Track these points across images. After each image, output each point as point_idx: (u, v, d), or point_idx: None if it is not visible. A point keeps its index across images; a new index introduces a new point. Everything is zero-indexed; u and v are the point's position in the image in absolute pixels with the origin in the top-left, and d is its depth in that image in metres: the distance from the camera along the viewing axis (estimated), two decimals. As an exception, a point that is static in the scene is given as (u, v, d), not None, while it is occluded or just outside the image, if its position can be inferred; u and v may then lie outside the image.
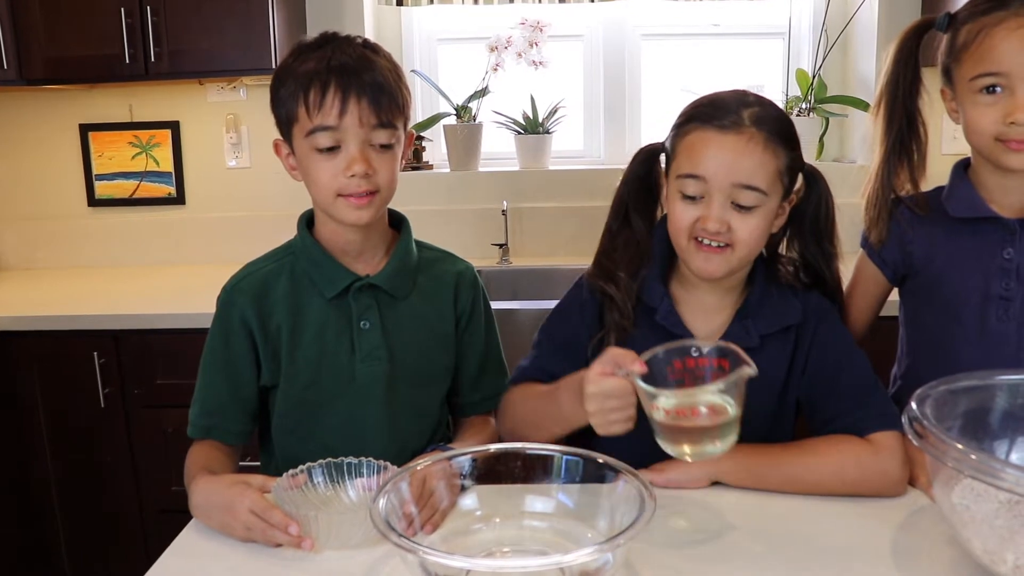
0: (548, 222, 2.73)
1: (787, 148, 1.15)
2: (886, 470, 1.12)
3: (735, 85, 1.20)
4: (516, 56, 2.68)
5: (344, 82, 1.14)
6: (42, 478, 2.28)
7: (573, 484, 1.02)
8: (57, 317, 2.20)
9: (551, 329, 1.31)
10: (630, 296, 1.23)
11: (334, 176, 1.16)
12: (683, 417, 0.99)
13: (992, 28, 1.15)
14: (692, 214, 1.15)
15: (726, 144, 1.12)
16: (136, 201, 2.82)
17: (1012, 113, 1.14)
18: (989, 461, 0.83)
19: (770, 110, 1.15)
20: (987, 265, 1.25)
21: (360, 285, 1.24)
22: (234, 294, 1.25)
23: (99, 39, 2.35)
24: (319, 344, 1.24)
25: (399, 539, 0.83)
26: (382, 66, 1.18)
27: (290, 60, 1.19)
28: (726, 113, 1.13)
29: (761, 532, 1.05)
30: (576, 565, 0.83)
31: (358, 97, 1.14)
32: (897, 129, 1.29)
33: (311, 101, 1.14)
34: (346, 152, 1.16)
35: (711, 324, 1.23)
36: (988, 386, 1.04)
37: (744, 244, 1.14)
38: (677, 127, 1.18)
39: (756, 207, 1.13)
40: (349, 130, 1.15)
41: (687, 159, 1.15)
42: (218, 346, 1.25)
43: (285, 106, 1.18)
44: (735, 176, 1.12)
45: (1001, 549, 0.87)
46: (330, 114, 1.14)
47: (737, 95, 1.16)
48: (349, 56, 1.16)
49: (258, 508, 1.02)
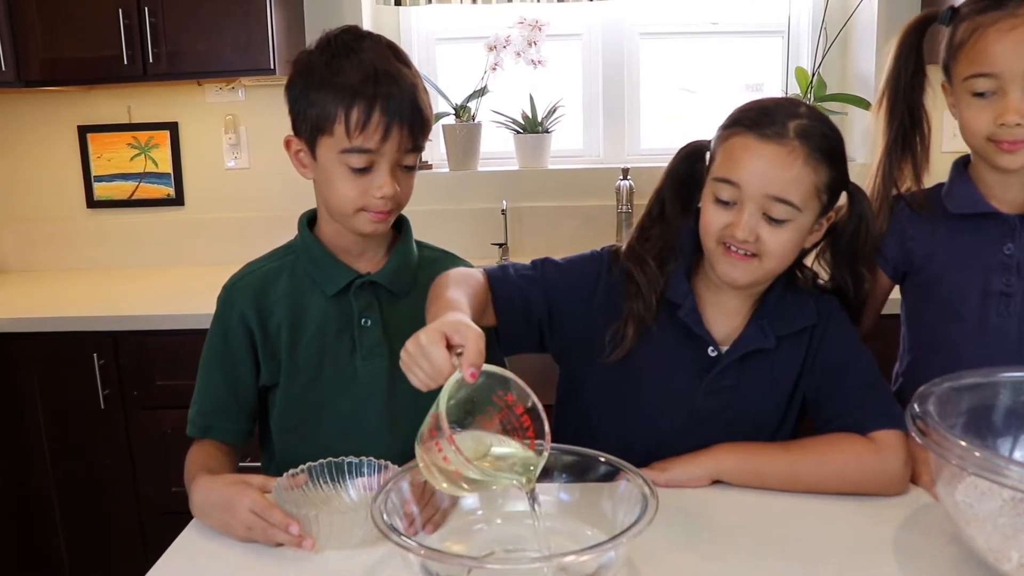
0: (547, 221, 2.73)
1: (830, 165, 1.12)
2: (888, 469, 1.12)
3: (734, 84, 1.19)
4: (515, 55, 2.68)
5: (389, 107, 1.11)
6: (42, 480, 2.27)
7: (575, 483, 1.02)
8: (56, 319, 2.19)
9: (548, 270, 1.26)
10: (655, 289, 1.21)
11: (361, 194, 1.16)
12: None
13: (987, 28, 1.14)
14: (723, 219, 1.13)
15: (765, 153, 1.10)
16: (135, 202, 2.81)
17: (1003, 115, 1.14)
18: (993, 458, 0.83)
19: (818, 125, 1.12)
20: (987, 261, 1.25)
21: (361, 282, 1.24)
22: (233, 293, 1.25)
23: (97, 40, 2.35)
24: (320, 342, 1.24)
25: (400, 539, 0.82)
26: (417, 83, 1.16)
27: (318, 57, 1.15)
28: (771, 122, 1.11)
29: (763, 531, 1.05)
30: (578, 564, 0.83)
31: (400, 124, 1.12)
32: (898, 124, 1.29)
33: (353, 121, 1.11)
34: (378, 174, 1.15)
35: (730, 325, 1.23)
36: (991, 383, 1.04)
37: (772, 256, 1.13)
38: (723, 128, 1.17)
39: (787, 221, 1.11)
40: (386, 155, 1.14)
41: (725, 163, 1.14)
42: (217, 345, 1.25)
43: (315, 111, 1.14)
44: (769, 187, 1.10)
45: (1005, 547, 0.87)
46: (372, 138, 1.12)
47: (788, 105, 1.14)
48: (387, 71, 1.13)
49: (258, 507, 1.02)
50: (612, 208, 2.67)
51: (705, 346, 1.21)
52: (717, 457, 1.17)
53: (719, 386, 1.22)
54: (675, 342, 1.22)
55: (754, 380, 1.22)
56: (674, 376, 1.23)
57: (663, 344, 1.22)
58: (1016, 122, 1.13)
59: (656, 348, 1.22)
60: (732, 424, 1.21)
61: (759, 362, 1.21)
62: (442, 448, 0.86)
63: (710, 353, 1.21)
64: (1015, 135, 1.15)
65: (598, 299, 1.24)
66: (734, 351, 1.21)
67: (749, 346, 1.20)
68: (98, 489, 2.28)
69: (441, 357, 0.91)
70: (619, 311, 1.22)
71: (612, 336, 1.21)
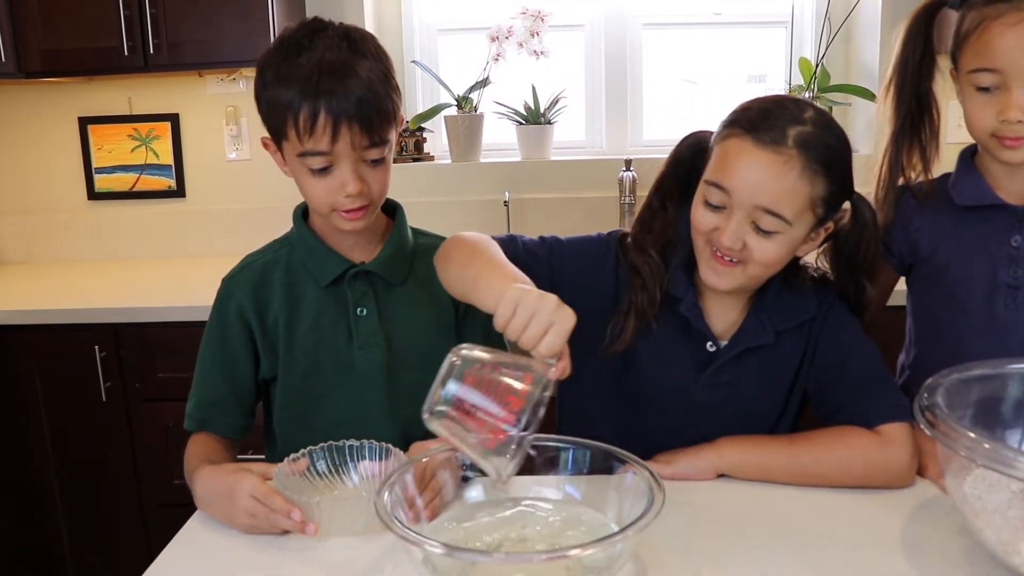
0: (550, 213, 2.72)
1: (829, 177, 1.07)
2: (895, 462, 1.11)
3: (737, 75, 1.17)
4: (517, 46, 2.66)
5: (333, 106, 1.08)
6: (43, 472, 2.27)
7: (581, 475, 1.01)
8: (57, 311, 2.19)
9: (555, 250, 1.24)
10: (660, 283, 1.19)
11: (327, 193, 1.14)
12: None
13: (992, 21, 1.12)
14: (711, 221, 1.10)
15: (759, 161, 1.05)
16: (136, 194, 2.80)
17: (1005, 111, 1.13)
18: (1002, 450, 0.82)
19: (822, 134, 1.07)
20: (994, 253, 1.24)
21: (355, 272, 1.23)
22: (231, 286, 1.25)
23: (97, 31, 2.34)
24: (316, 333, 1.23)
25: (404, 531, 0.82)
26: (370, 75, 1.11)
27: (272, 57, 1.13)
28: (770, 127, 1.05)
29: (769, 524, 1.04)
30: (584, 557, 0.82)
31: (349, 122, 1.09)
32: (906, 111, 1.27)
33: (301, 125, 1.09)
34: (339, 173, 1.13)
35: (728, 318, 1.21)
36: (1000, 375, 1.03)
37: (758, 264, 1.10)
38: (723, 125, 1.12)
39: (776, 233, 1.07)
40: (341, 153, 1.12)
41: (718, 165, 1.10)
42: (215, 339, 1.25)
43: (273, 115, 1.13)
44: (759, 198, 1.06)
45: (1015, 540, 0.86)
46: (321, 140, 1.10)
47: (793, 108, 1.08)
48: (332, 68, 1.09)
49: (259, 493, 1.01)
50: (615, 199, 2.66)
51: (704, 340, 1.20)
52: (721, 450, 1.16)
53: (717, 381, 1.21)
54: (674, 335, 1.21)
55: (753, 374, 1.21)
56: (672, 370, 1.22)
57: (661, 337, 1.20)
58: (1018, 119, 1.12)
59: (654, 341, 1.20)
60: (730, 418, 1.20)
61: (758, 356, 1.20)
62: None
63: (708, 348, 1.20)
64: (1017, 132, 1.13)
65: (602, 287, 1.23)
66: (733, 346, 1.20)
67: (748, 341, 1.19)
68: (100, 481, 2.28)
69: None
70: (621, 300, 1.21)
71: (612, 328, 1.20)
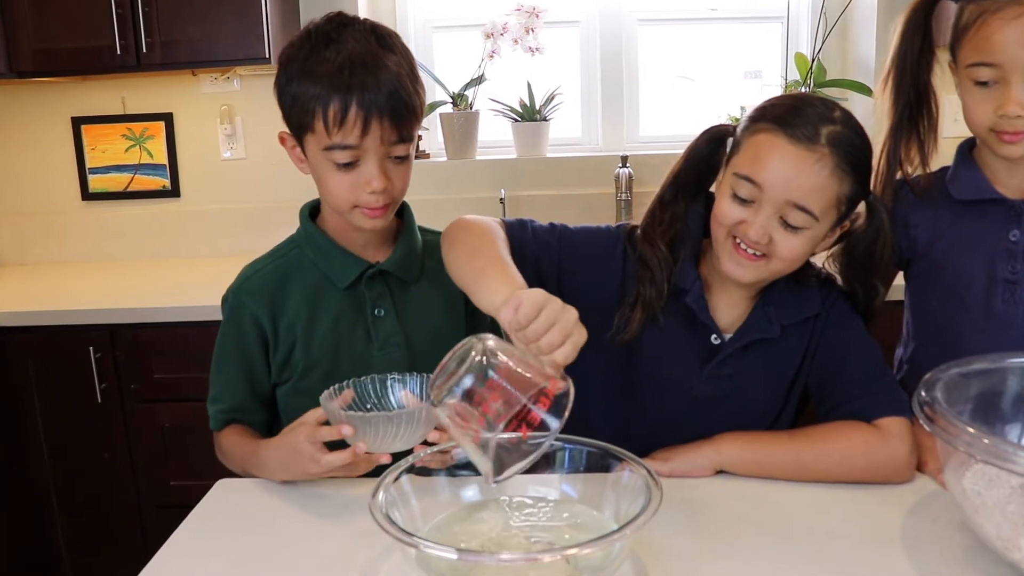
0: (546, 210, 2.71)
1: (855, 177, 1.09)
2: (894, 457, 1.11)
3: (733, 71, 1.16)
4: (512, 43, 2.65)
5: (366, 100, 1.08)
6: (40, 474, 2.26)
7: (578, 473, 1.01)
8: (52, 312, 2.18)
9: (564, 239, 1.24)
10: (668, 275, 1.18)
11: (352, 190, 1.14)
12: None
13: (991, 15, 1.12)
14: (738, 214, 1.10)
15: (793, 158, 1.06)
16: (130, 194, 2.79)
17: (1004, 106, 1.12)
18: (1002, 445, 0.82)
19: (850, 134, 1.08)
20: (993, 247, 1.24)
21: (372, 272, 1.23)
22: (242, 295, 1.23)
23: (89, 30, 2.32)
24: (334, 335, 1.23)
25: (400, 534, 0.81)
26: (399, 70, 1.12)
27: (298, 51, 1.14)
28: (804, 124, 1.06)
29: (767, 520, 1.04)
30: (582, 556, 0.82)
31: (380, 116, 1.09)
32: (904, 104, 1.27)
33: (330, 118, 1.09)
34: (365, 168, 1.13)
35: (733, 312, 1.21)
36: (999, 369, 1.03)
37: (781, 260, 1.11)
38: (751, 119, 1.12)
39: (803, 229, 1.08)
40: (370, 149, 1.12)
41: (749, 159, 1.10)
42: (231, 349, 1.24)
43: (298, 109, 1.13)
44: (791, 193, 1.06)
45: (1015, 535, 0.86)
46: (351, 134, 1.10)
47: (823, 107, 1.10)
48: (364, 61, 1.10)
49: (313, 437, 1.05)
50: (611, 196, 2.65)
51: (708, 333, 1.20)
52: (720, 446, 1.16)
53: (720, 373, 1.20)
54: (678, 328, 1.20)
55: (755, 368, 1.21)
56: (675, 362, 1.22)
57: (666, 329, 1.20)
58: (1017, 114, 1.11)
59: (658, 333, 1.20)
60: (731, 412, 1.20)
61: (761, 350, 1.20)
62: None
63: (713, 340, 1.20)
64: (1016, 127, 1.13)
65: (610, 279, 1.22)
66: (737, 339, 1.19)
67: (753, 335, 1.19)
68: (96, 483, 2.26)
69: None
70: (628, 293, 1.20)
71: (618, 319, 1.20)
